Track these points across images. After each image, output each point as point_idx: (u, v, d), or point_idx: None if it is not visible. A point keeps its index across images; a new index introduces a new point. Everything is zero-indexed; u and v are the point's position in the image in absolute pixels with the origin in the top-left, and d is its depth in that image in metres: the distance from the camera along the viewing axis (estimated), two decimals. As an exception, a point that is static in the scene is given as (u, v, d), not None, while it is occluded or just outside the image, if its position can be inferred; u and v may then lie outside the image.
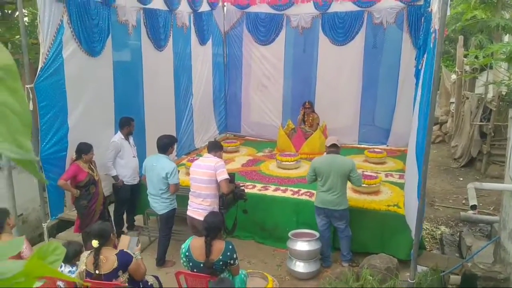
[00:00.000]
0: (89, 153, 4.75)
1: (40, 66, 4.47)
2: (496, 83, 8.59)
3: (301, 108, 7.86)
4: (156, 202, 4.84)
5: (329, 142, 4.84)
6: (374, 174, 5.87)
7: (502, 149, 8.76)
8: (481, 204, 6.80)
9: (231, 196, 4.71)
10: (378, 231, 5.00)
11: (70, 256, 3.47)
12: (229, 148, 7.74)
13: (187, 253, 3.61)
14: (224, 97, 9.28)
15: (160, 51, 6.63)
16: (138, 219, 5.90)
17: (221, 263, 3.53)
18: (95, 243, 3.30)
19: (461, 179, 8.51)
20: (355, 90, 8.17)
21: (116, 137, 5.35)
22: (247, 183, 5.80)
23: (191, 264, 3.60)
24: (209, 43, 8.28)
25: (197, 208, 4.48)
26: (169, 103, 7.11)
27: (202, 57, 8.03)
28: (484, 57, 7.91)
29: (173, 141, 4.95)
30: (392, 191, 5.54)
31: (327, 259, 4.92)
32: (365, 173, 5.91)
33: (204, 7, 7.78)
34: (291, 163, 6.60)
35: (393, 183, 5.86)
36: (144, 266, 3.57)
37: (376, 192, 5.46)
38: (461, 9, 10.02)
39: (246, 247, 5.34)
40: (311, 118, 7.74)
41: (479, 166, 8.95)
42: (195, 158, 6.75)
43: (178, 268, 4.01)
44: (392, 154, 7.44)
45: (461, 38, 10.68)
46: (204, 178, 4.40)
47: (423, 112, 3.80)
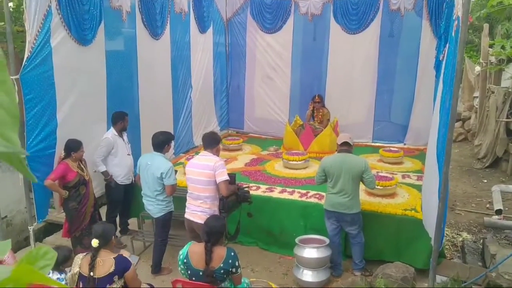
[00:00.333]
0: (79, 151, 4.77)
1: (26, 56, 4.49)
2: (525, 76, 8.54)
3: (310, 103, 7.86)
4: (151, 205, 4.85)
5: (341, 140, 4.83)
6: (390, 175, 5.87)
7: (531, 149, 8.72)
8: (507, 209, 6.77)
9: (234, 198, 4.67)
10: (394, 238, 4.99)
11: (59, 262, 3.50)
12: (231, 146, 7.76)
13: (185, 260, 3.62)
14: (226, 90, 9.30)
15: (157, 40, 6.63)
16: (132, 223, 5.92)
17: (222, 271, 3.54)
18: (95, 243, 3.36)
19: (485, 181, 8.47)
20: (370, 83, 8.16)
21: (109, 134, 5.36)
22: (251, 184, 5.81)
23: (190, 272, 3.61)
24: (210, 31, 8.29)
25: (196, 211, 4.47)
26: (166, 97, 7.13)
27: (202, 46, 8.04)
28: (512, 47, 7.87)
29: (170, 139, 4.96)
30: (409, 194, 5.54)
31: (338, 268, 4.92)
32: (380, 174, 5.91)
33: (205, -8, 7.79)
34: (299, 163, 6.60)
35: (411, 185, 5.85)
36: (140, 281, 3.61)
37: (392, 195, 5.45)
38: (487, -6, 9.97)
39: (249, 254, 5.36)
40: (321, 114, 7.74)
41: (505, 167, 8.91)
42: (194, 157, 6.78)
43: (175, 276, 4.03)
44: (410, 154, 7.43)
45: (486, 26, 10.61)
46: (202, 179, 4.37)
47: (445, 107, 3.78)
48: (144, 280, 3.98)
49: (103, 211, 5.61)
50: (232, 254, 3.59)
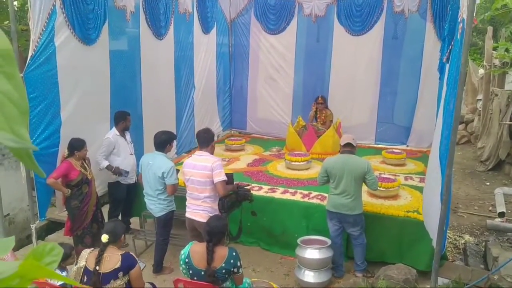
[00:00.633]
0: (82, 150, 4.78)
1: (30, 54, 4.50)
2: (529, 79, 8.53)
3: (313, 104, 7.86)
4: (153, 204, 4.86)
5: (344, 141, 4.83)
6: (392, 177, 5.85)
7: (534, 152, 8.70)
8: (510, 212, 6.75)
9: (234, 198, 4.67)
10: (396, 239, 4.98)
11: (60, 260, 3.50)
12: (234, 146, 7.76)
13: (187, 260, 3.62)
14: (229, 91, 9.30)
15: (160, 40, 6.65)
16: (134, 222, 5.93)
17: (224, 271, 3.53)
18: (105, 238, 3.41)
19: (488, 184, 8.45)
20: (373, 85, 8.15)
21: (111, 134, 5.37)
22: (253, 185, 5.81)
23: (191, 272, 3.61)
24: (213, 32, 8.30)
25: (197, 210, 4.49)
26: (169, 97, 7.14)
27: (206, 47, 8.05)
28: (516, 50, 7.85)
29: (172, 138, 4.96)
30: (412, 196, 5.53)
31: (340, 269, 4.92)
32: (383, 176, 5.89)
33: (209, -8, 7.80)
34: (301, 164, 6.59)
35: (413, 187, 5.84)
36: (143, 281, 3.63)
37: (394, 197, 5.44)
38: (491, -3, 9.95)
39: (251, 254, 5.36)
40: (324, 115, 7.74)
41: (508, 170, 8.89)
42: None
43: (177, 276, 4.03)
44: (413, 155, 7.42)
45: (490, 29, 10.59)
46: (201, 180, 4.38)
47: (448, 109, 3.78)
48: (146, 279, 3.98)
49: (105, 210, 5.61)
50: (234, 254, 3.58)
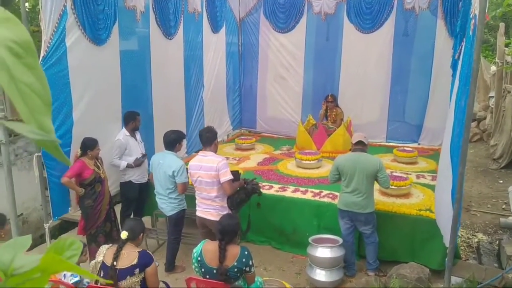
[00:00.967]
0: (95, 149, 4.82)
1: (42, 55, 4.54)
2: (542, 75, 8.42)
3: (323, 102, 7.83)
4: (164, 203, 4.89)
5: (356, 139, 4.81)
6: (404, 175, 5.82)
7: (548, 149, 8.58)
8: (524, 210, 6.68)
9: (242, 193, 4.68)
10: (408, 238, 4.95)
11: None
12: (244, 145, 7.76)
13: (199, 258, 3.64)
14: (239, 90, 9.31)
15: (170, 40, 6.66)
16: (146, 221, 5.95)
17: (236, 270, 3.54)
18: (124, 235, 3.51)
19: (501, 182, 8.36)
20: (383, 83, 8.10)
21: (121, 135, 5.39)
22: (263, 183, 5.80)
23: (203, 270, 3.62)
24: (223, 31, 8.30)
25: (208, 209, 4.54)
26: (179, 96, 7.15)
27: (215, 46, 8.05)
28: (529, 46, 7.76)
29: (181, 137, 4.98)
30: (424, 194, 5.49)
31: (351, 267, 4.90)
32: (394, 174, 5.86)
33: (218, -9, 7.81)
34: (312, 162, 6.58)
35: (425, 185, 5.80)
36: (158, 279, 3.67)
37: (406, 195, 5.41)
38: (503, -7, 9.83)
39: (262, 253, 5.36)
40: (334, 113, 7.70)
41: (522, 168, 8.79)
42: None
43: (189, 274, 4.04)
44: (424, 154, 7.36)
45: (502, 26, 10.48)
46: (208, 181, 4.42)
47: (460, 106, 3.74)
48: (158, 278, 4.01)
49: (117, 210, 5.65)
50: (246, 253, 3.59)
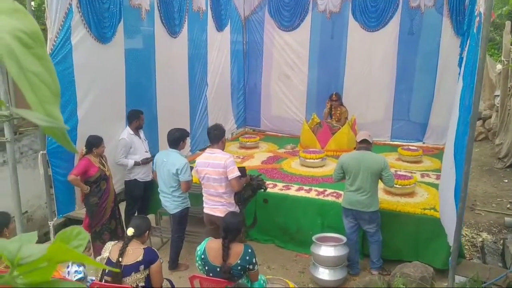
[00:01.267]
0: (100, 146, 4.85)
1: (48, 53, 4.56)
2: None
3: (328, 101, 7.82)
4: (168, 201, 4.91)
5: (360, 137, 4.81)
6: (409, 174, 5.81)
7: (554, 148, 8.54)
8: (529, 209, 6.65)
9: (249, 189, 4.73)
10: (412, 237, 4.95)
11: None
12: (248, 144, 7.78)
13: (203, 256, 3.65)
14: (243, 88, 9.31)
15: (174, 38, 6.68)
16: (150, 219, 5.96)
17: (239, 268, 3.55)
18: (131, 231, 3.56)
19: (506, 181, 8.32)
20: (388, 81, 8.09)
21: (125, 134, 5.41)
22: (268, 182, 5.79)
23: (207, 268, 3.64)
24: (227, 29, 8.31)
25: (216, 205, 4.56)
26: (183, 95, 7.17)
27: (219, 45, 8.06)
28: (535, 45, 7.72)
29: (185, 135, 5.00)
30: (429, 193, 5.48)
31: (355, 266, 4.90)
32: (399, 173, 5.85)
33: (223, -11, 7.82)
34: (316, 161, 6.58)
35: (430, 184, 5.79)
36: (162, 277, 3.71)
37: (411, 194, 5.40)
38: (509, -9, 9.78)
39: (266, 252, 5.37)
40: (339, 112, 7.70)
41: (527, 167, 8.75)
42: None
43: (192, 272, 4.06)
44: (429, 152, 7.35)
45: (508, 24, 10.41)
46: (216, 177, 4.45)
47: (465, 105, 3.73)
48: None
49: (121, 208, 5.67)
50: (249, 251, 3.60)
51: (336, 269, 4.67)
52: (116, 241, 3.69)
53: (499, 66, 11.33)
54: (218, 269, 3.57)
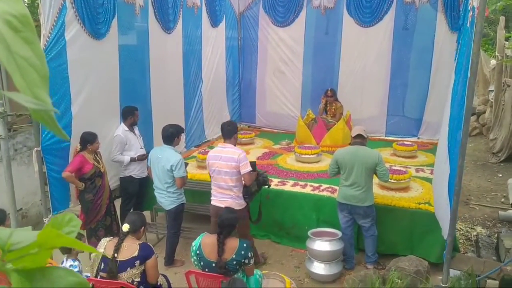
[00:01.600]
0: (95, 143, 4.83)
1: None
2: (542, 69, 8.42)
3: (323, 97, 7.83)
4: (163, 197, 4.91)
5: (355, 132, 4.82)
6: (403, 169, 5.83)
7: (548, 143, 8.59)
8: (523, 203, 6.69)
9: (255, 185, 4.78)
10: (407, 231, 4.97)
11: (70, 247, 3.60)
12: (244, 140, 7.77)
13: (198, 252, 3.66)
14: (239, 85, 9.31)
15: (169, 34, 6.66)
16: (146, 215, 5.96)
17: (235, 263, 3.56)
18: (126, 227, 3.58)
19: (500, 176, 8.37)
20: (383, 77, 8.11)
21: (119, 130, 5.39)
22: (263, 178, 5.81)
23: (202, 264, 3.65)
24: (222, 25, 8.29)
25: (225, 198, 4.59)
26: (178, 90, 7.16)
27: (214, 41, 8.04)
28: (528, 40, 7.76)
29: (179, 131, 4.99)
30: (423, 188, 5.50)
31: (350, 261, 4.92)
32: (394, 168, 5.88)
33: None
34: (311, 157, 6.59)
35: (424, 179, 5.81)
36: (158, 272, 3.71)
37: (405, 189, 5.42)
38: (503, -14, 9.80)
39: (262, 247, 5.37)
40: (334, 107, 7.71)
41: (521, 162, 8.80)
42: (207, 151, 6.79)
43: (188, 268, 4.06)
44: (424, 147, 7.38)
45: (503, 19, 10.47)
46: (229, 171, 4.49)
47: (458, 100, 3.75)
48: (158, 271, 4.03)
49: (117, 204, 5.66)
50: (245, 246, 3.61)
51: (332, 264, 4.69)
52: (111, 237, 3.69)
53: (493, 62, 11.39)
54: (214, 265, 3.58)
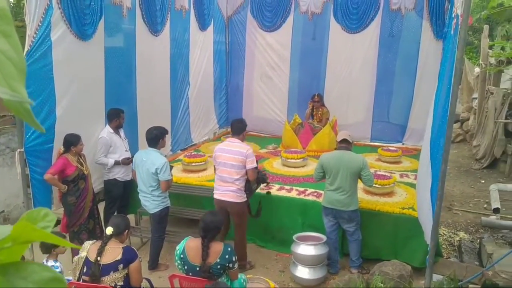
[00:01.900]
0: (78, 145, 4.77)
1: (26, 50, 4.48)
2: (524, 78, 8.59)
3: (310, 102, 7.87)
4: (147, 201, 4.87)
5: (340, 137, 4.85)
6: (388, 174, 5.88)
7: (529, 150, 8.74)
8: (505, 209, 6.79)
9: (254, 182, 4.99)
10: (391, 236, 5.01)
11: (50, 246, 3.57)
12: (230, 144, 7.75)
13: (182, 256, 3.63)
14: (226, 89, 9.30)
15: (156, 36, 6.64)
16: (130, 219, 5.91)
17: (219, 267, 3.55)
18: (110, 230, 3.53)
19: (483, 182, 8.49)
20: (369, 83, 8.17)
21: (104, 132, 5.34)
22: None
23: (186, 267, 3.62)
24: (210, 29, 8.30)
25: (227, 191, 4.74)
26: (164, 93, 7.13)
27: (202, 44, 8.04)
28: None
29: (163, 133, 4.96)
30: (407, 193, 5.55)
31: (335, 265, 4.94)
32: (378, 173, 5.91)
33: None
34: (298, 161, 6.61)
35: (409, 184, 5.87)
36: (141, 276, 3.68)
37: (390, 194, 5.47)
38: (487, -4, 10.00)
39: (247, 251, 5.36)
40: (320, 113, 7.75)
41: (503, 168, 8.94)
42: (193, 154, 6.79)
43: (172, 272, 4.03)
44: (408, 153, 7.45)
45: (486, 28, 10.64)
46: (235, 164, 4.68)
47: (441, 106, 3.80)
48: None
49: (101, 207, 5.60)
50: (229, 250, 3.60)
51: (316, 268, 4.70)
52: (95, 241, 3.65)
53: (477, 69, 11.57)
54: (198, 268, 3.56)
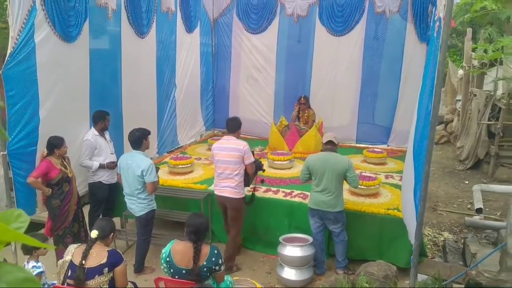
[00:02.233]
0: (62, 147, 4.72)
1: (9, 52, 4.43)
2: (506, 80, 8.70)
3: (296, 104, 7.90)
4: (133, 203, 4.84)
5: (326, 139, 4.89)
6: (373, 175, 5.93)
7: (511, 151, 8.89)
8: (488, 209, 6.90)
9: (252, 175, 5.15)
10: (377, 237, 5.04)
11: (30, 247, 3.54)
12: (217, 146, 7.74)
13: (168, 259, 3.60)
14: (212, 91, 9.30)
15: (142, 38, 6.61)
16: (115, 222, 5.85)
17: (206, 269, 3.53)
18: (95, 234, 3.48)
19: (467, 182, 8.61)
20: (354, 85, 8.23)
21: (89, 135, 5.30)
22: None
23: (172, 271, 3.59)
24: (197, 31, 8.29)
25: (226, 187, 4.91)
26: (150, 96, 7.10)
27: (188, 46, 8.02)
28: (494, 51, 7.99)
29: (146, 133, 4.94)
30: (392, 194, 5.60)
31: (321, 266, 4.96)
32: (364, 174, 5.96)
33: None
34: (284, 163, 6.63)
35: (394, 185, 5.92)
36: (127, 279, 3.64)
37: (375, 195, 5.51)
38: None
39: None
40: (307, 115, 7.79)
41: (486, 169, 9.07)
42: (179, 156, 6.77)
43: (158, 275, 4.01)
44: (393, 155, 7.52)
45: (470, 31, 10.81)
46: (232, 160, 4.85)
47: (424, 108, 3.84)
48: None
49: (86, 211, 5.55)
50: (216, 252, 3.58)
51: (303, 269, 4.72)
52: (79, 244, 3.61)
53: (461, 72, 11.74)
54: (184, 271, 3.53)
